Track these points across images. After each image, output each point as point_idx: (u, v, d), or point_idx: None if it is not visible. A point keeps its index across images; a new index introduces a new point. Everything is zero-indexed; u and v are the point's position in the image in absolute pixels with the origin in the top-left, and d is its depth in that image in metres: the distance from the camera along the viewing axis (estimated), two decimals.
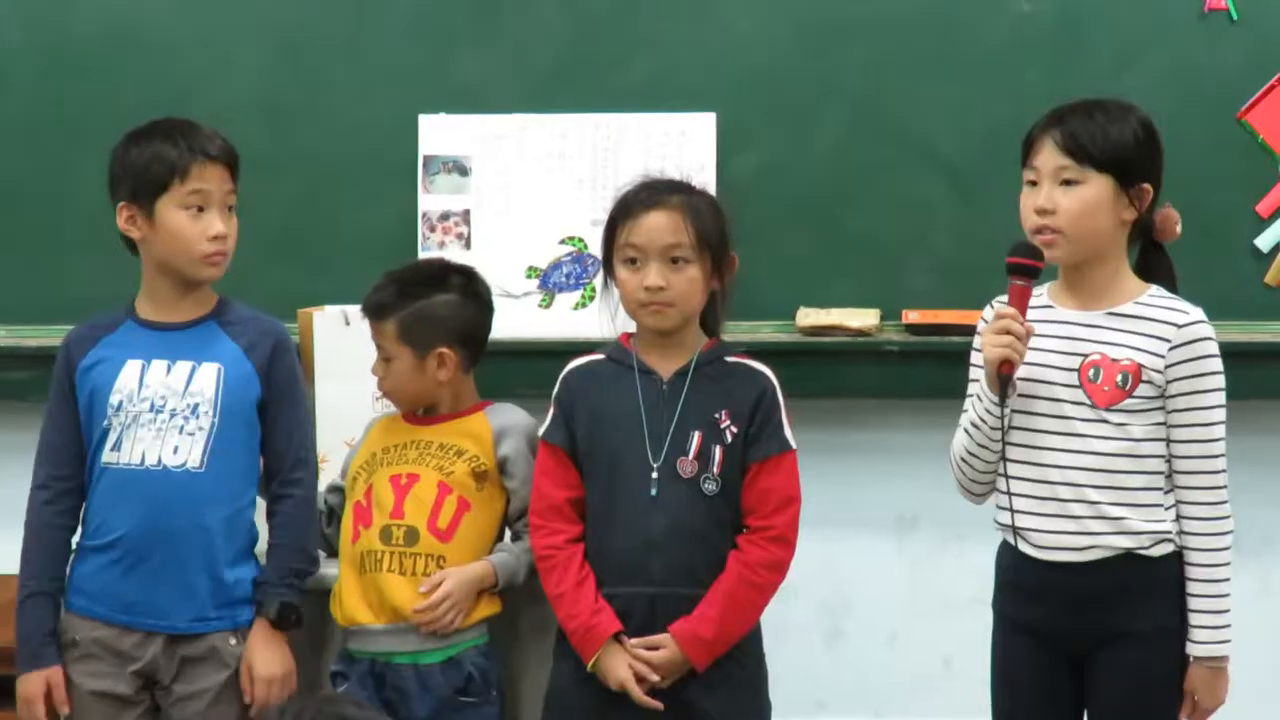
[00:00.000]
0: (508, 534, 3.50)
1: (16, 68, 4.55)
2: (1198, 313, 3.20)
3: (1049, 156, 3.17)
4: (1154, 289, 3.23)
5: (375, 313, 3.46)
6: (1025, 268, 3.17)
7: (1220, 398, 3.19)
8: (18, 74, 4.55)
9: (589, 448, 3.30)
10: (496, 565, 3.37)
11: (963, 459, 3.27)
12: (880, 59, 4.44)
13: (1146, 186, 3.21)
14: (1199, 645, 3.18)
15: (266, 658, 3.36)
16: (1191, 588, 3.18)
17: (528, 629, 3.50)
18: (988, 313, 3.31)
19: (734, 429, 3.28)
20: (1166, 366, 3.15)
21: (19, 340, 4.48)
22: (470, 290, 3.50)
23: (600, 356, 3.39)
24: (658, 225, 3.26)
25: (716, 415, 3.28)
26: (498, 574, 3.37)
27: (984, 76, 4.40)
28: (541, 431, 3.36)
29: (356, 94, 4.50)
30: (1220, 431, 3.20)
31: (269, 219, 4.33)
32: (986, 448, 3.22)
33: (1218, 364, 3.19)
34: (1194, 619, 3.18)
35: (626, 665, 3.22)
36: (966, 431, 3.25)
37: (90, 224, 4.42)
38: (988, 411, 3.19)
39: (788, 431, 3.33)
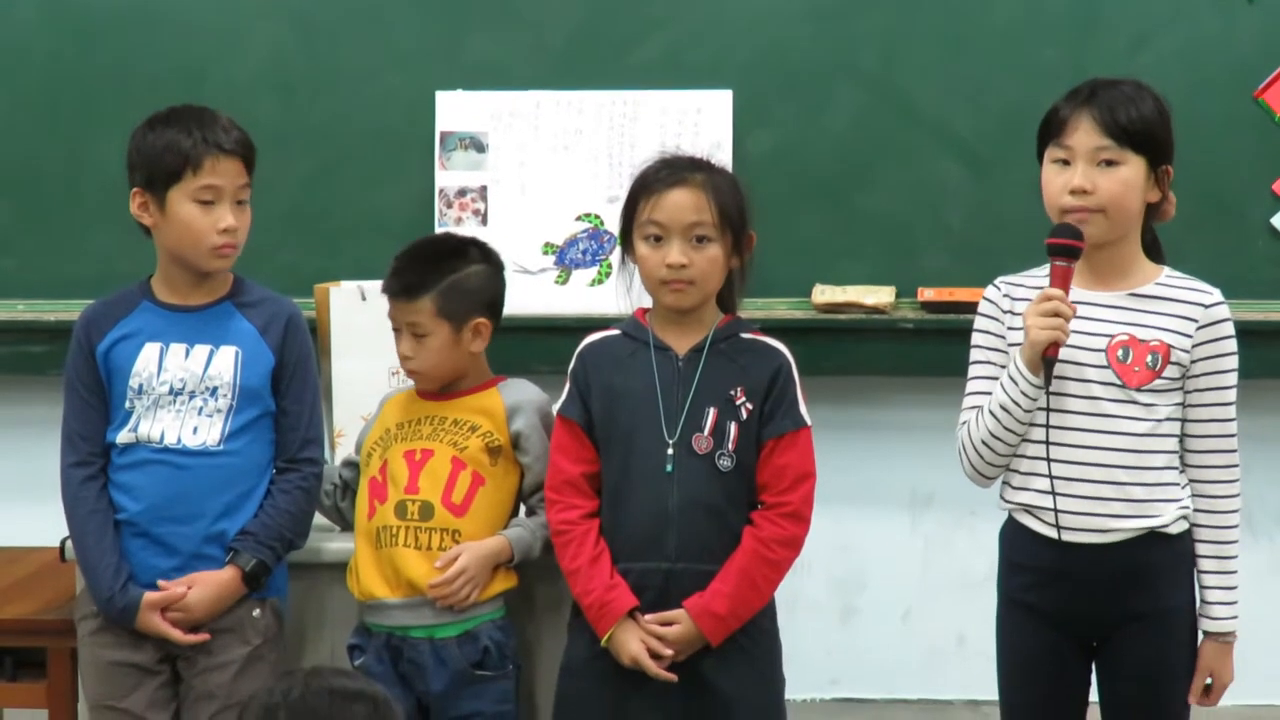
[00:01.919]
0: (522, 509, 3.51)
1: (34, 42, 4.57)
2: (1218, 294, 3.20)
3: (1087, 136, 3.14)
4: (1168, 270, 3.23)
5: (410, 291, 3.42)
6: (1067, 248, 3.14)
7: (1236, 378, 3.20)
8: (35, 49, 4.57)
9: (604, 423, 3.31)
10: (512, 540, 3.38)
11: (983, 442, 3.22)
12: (896, 36, 4.44)
13: (1169, 168, 3.21)
14: (1216, 621, 3.19)
15: (205, 599, 3.34)
16: (1205, 564, 3.19)
17: (543, 603, 3.51)
18: (991, 292, 3.30)
19: (749, 405, 3.29)
20: (1193, 346, 3.15)
21: (38, 315, 4.51)
22: (492, 259, 3.50)
23: (615, 332, 3.39)
24: (681, 203, 3.25)
25: (732, 392, 3.28)
26: (513, 549, 3.38)
27: (999, 55, 4.41)
28: (557, 407, 3.36)
29: (374, 70, 4.51)
30: (1234, 411, 3.20)
31: (286, 195, 4.36)
32: (1013, 431, 3.18)
33: (1235, 345, 3.19)
34: (1209, 595, 3.19)
35: (640, 641, 3.23)
36: (994, 414, 3.19)
37: (107, 199, 4.44)
38: (1023, 394, 3.13)
39: (803, 408, 3.33)
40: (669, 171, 3.28)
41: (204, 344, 3.40)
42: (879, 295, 4.36)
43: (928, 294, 4.36)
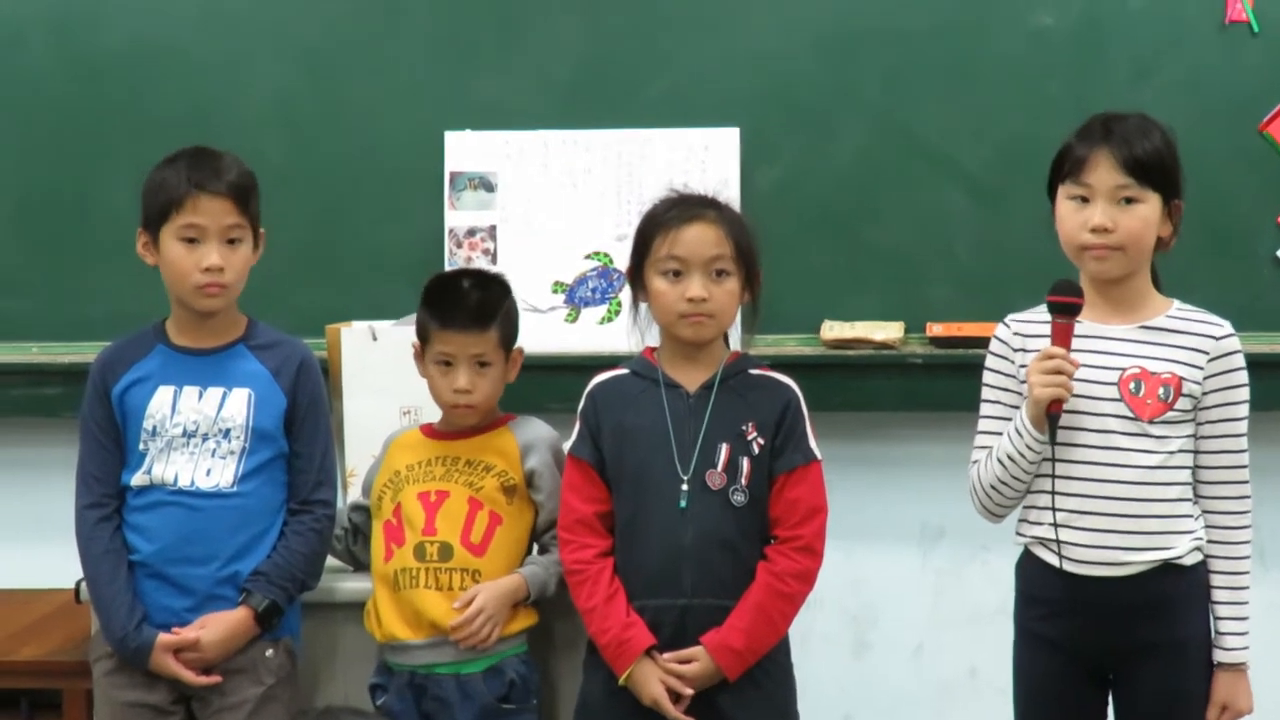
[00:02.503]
0: (534, 547, 3.52)
1: (45, 83, 4.57)
2: (1229, 326, 3.23)
3: (1107, 174, 3.16)
4: (1178, 302, 3.25)
5: (483, 320, 3.43)
6: (1068, 306, 3.18)
7: (1247, 410, 3.22)
8: (46, 89, 4.57)
9: (616, 462, 3.32)
10: (527, 577, 3.39)
11: (992, 486, 3.26)
12: (901, 71, 4.45)
13: (1179, 203, 3.23)
14: (1229, 651, 3.20)
15: (219, 640, 3.36)
16: (1218, 595, 3.20)
17: (561, 640, 3.52)
18: (1001, 331, 3.32)
19: (760, 441, 3.30)
20: (1205, 378, 3.17)
21: (51, 357, 4.51)
22: (510, 291, 3.53)
23: (624, 371, 3.40)
24: (701, 237, 3.28)
25: (743, 427, 3.30)
26: (529, 586, 3.39)
27: (1004, 89, 4.41)
28: (568, 447, 3.38)
29: (382, 111, 4.52)
30: (1246, 443, 3.22)
31: (295, 236, 4.36)
32: (1019, 479, 3.23)
33: (1246, 376, 3.22)
34: (1222, 625, 3.20)
35: (659, 681, 3.24)
36: (1000, 462, 3.23)
37: (118, 240, 4.42)
38: (1028, 448, 3.18)
39: (813, 442, 3.35)
40: (683, 207, 3.32)
41: (217, 386, 3.42)
42: (888, 331, 4.37)
43: (936, 329, 4.36)
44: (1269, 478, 3.38)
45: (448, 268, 4.40)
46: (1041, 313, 3.26)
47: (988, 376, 3.33)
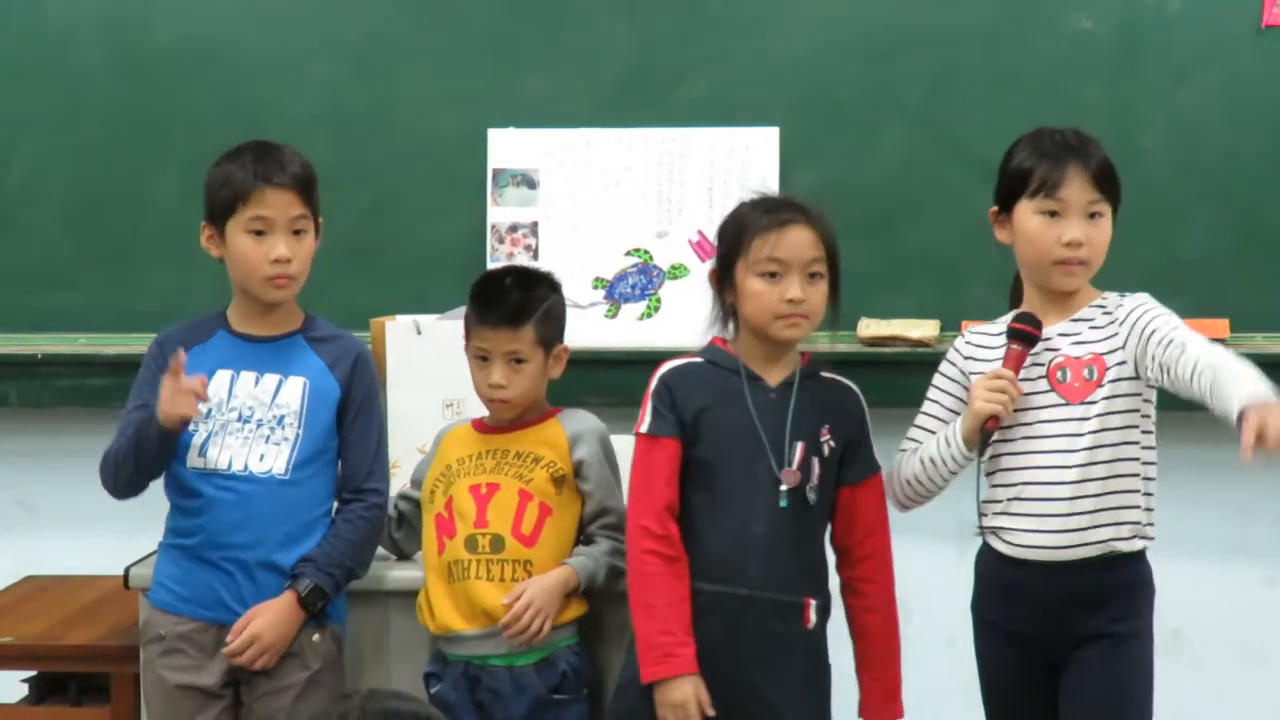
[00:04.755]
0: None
1: (96, 83, 4.65)
2: (1142, 295, 3.28)
3: (1081, 190, 3.24)
4: (1106, 294, 3.32)
5: (516, 318, 3.46)
6: (1027, 335, 3.27)
7: (1175, 319, 3.20)
8: (97, 89, 4.65)
9: (697, 446, 3.31)
10: (577, 568, 3.42)
11: (907, 482, 3.38)
12: (941, 74, 4.49)
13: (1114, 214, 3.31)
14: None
15: (272, 624, 3.40)
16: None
17: (611, 630, 3.54)
18: (959, 341, 3.42)
19: (832, 444, 3.33)
20: (1124, 341, 3.21)
21: (98, 348, 4.58)
22: (559, 289, 3.57)
23: (698, 360, 3.39)
24: (801, 240, 3.30)
25: (820, 428, 3.33)
26: (579, 577, 3.42)
27: (1044, 92, 4.45)
28: (643, 428, 3.32)
29: (427, 108, 4.58)
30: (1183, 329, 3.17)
31: (340, 230, 4.38)
32: (935, 482, 3.35)
33: (1162, 307, 3.23)
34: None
35: (696, 699, 3.24)
36: (923, 462, 3.35)
37: (167, 234, 4.54)
38: (953, 458, 3.30)
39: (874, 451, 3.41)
40: (778, 210, 3.33)
41: (274, 373, 3.47)
42: (923, 329, 4.40)
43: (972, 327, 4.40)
44: None
45: (490, 263, 4.45)
46: (997, 324, 3.36)
47: (937, 377, 3.46)
